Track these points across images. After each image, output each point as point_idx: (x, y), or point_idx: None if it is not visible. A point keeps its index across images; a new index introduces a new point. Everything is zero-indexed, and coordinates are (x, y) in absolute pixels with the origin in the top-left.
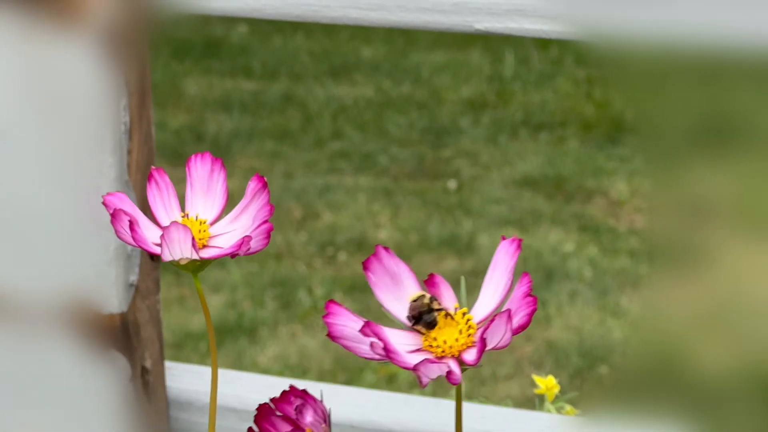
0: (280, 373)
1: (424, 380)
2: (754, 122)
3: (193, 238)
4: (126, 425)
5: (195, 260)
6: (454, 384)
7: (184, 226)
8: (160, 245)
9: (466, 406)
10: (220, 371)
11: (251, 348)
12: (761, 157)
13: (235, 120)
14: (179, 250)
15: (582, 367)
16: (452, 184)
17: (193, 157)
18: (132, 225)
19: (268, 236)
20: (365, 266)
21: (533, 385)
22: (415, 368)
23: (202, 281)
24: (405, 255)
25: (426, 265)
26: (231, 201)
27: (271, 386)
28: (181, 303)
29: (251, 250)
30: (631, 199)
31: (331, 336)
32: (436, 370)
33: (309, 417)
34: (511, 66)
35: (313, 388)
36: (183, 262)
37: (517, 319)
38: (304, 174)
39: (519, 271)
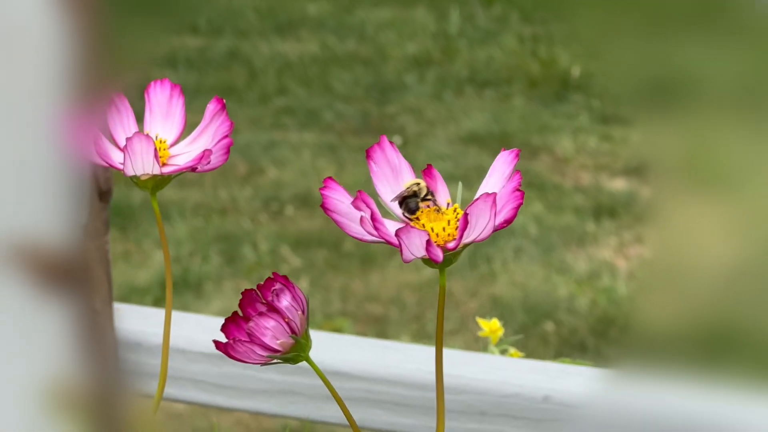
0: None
1: (405, 253)
2: (701, 77)
3: (155, 150)
4: (74, 366)
5: (156, 176)
6: (435, 260)
7: (147, 136)
8: (122, 163)
9: (413, 348)
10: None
11: (196, 302)
12: (707, 112)
13: (180, 76)
14: (141, 163)
15: (527, 323)
16: (397, 141)
17: (152, 83)
18: (96, 140)
19: (228, 151)
20: (368, 155)
21: (477, 340)
22: (396, 234)
23: (146, 236)
24: None
25: None
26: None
27: (218, 327)
28: (126, 258)
29: (211, 165)
30: (576, 156)
31: (324, 208)
32: (416, 239)
33: (285, 301)
34: (456, 23)
35: None
36: (144, 178)
37: (504, 212)
38: (249, 130)
39: None
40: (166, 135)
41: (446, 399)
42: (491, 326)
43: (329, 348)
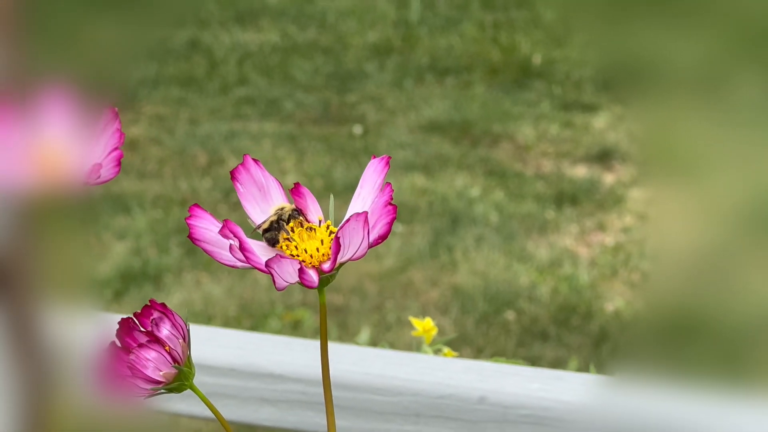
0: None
1: (278, 281)
2: (662, 62)
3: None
4: (7, 368)
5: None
6: (309, 287)
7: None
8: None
9: (346, 348)
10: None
11: (156, 295)
12: (669, 97)
13: (141, 67)
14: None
15: (488, 312)
16: (358, 130)
17: (44, 90)
18: None
19: (119, 164)
20: (233, 176)
21: (440, 330)
22: (267, 264)
23: (107, 229)
24: None
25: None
26: (133, 147)
27: None
28: (85, 251)
29: (102, 178)
30: (537, 143)
31: (192, 238)
32: (288, 267)
33: (165, 330)
34: (417, 11)
35: (205, 331)
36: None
37: (378, 228)
38: (209, 120)
39: (425, 215)
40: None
41: (381, 400)
42: (424, 326)
43: (261, 350)
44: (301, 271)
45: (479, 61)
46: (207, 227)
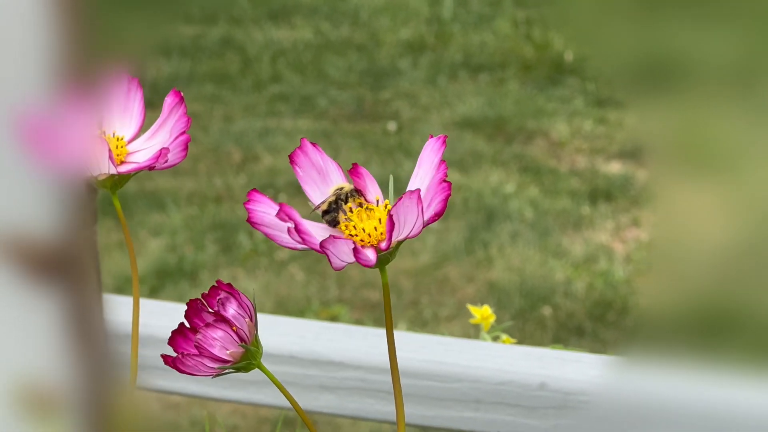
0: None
1: (334, 261)
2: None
3: (110, 151)
4: (64, 358)
5: (112, 175)
6: (366, 265)
7: (101, 137)
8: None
9: (406, 336)
10: (159, 303)
11: (192, 291)
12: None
13: (174, 64)
14: (97, 167)
15: (524, 307)
16: (392, 126)
17: (109, 77)
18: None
19: (186, 148)
20: (292, 160)
21: (473, 326)
22: (321, 245)
23: (142, 225)
24: None
25: None
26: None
27: None
28: (121, 248)
29: (169, 163)
30: (571, 139)
31: (251, 222)
32: (343, 247)
33: (232, 310)
34: (450, 8)
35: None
36: (101, 178)
37: (433, 206)
38: (243, 117)
39: (460, 211)
40: (123, 131)
41: (441, 387)
42: (482, 313)
43: (321, 338)
44: (355, 250)
45: (512, 58)
46: (265, 211)
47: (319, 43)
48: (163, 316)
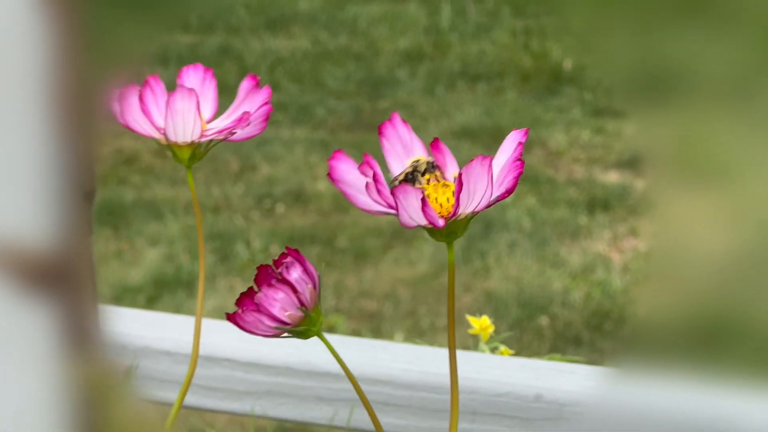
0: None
1: (403, 215)
2: (693, 68)
3: (198, 107)
4: (60, 368)
5: (194, 144)
6: (433, 224)
7: (191, 91)
8: (161, 128)
9: (402, 347)
10: (154, 314)
11: (189, 301)
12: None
13: (172, 73)
14: (182, 128)
15: (521, 317)
16: None
17: (185, 68)
18: (142, 98)
19: (267, 119)
20: (380, 131)
21: (470, 336)
22: (392, 192)
23: (139, 234)
24: (343, 207)
25: (364, 216)
26: (165, 154)
27: (207, 329)
28: (119, 257)
29: (248, 133)
30: (569, 149)
31: (331, 178)
32: (413, 200)
33: (295, 274)
34: (448, 17)
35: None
36: (183, 145)
37: (505, 182)
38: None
39: None
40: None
41: (436, 398)
42: (481, 323)
43: (318, 348)
44: (423, 202)
45: (510, 68)
46: (347, 169)
47: (317, 53)
48: (159, 327)
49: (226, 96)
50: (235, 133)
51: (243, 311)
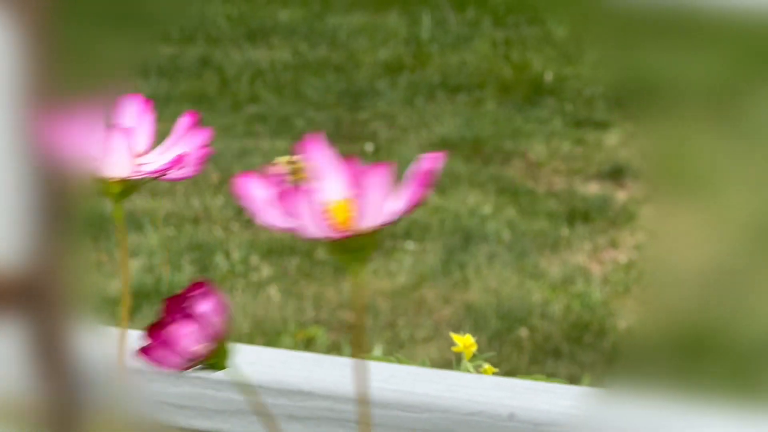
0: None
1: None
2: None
3: (130, 149)
4: (31, 387)
5: (125, 180)
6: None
7: (127, 130)
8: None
9: (376, 365)
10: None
11: None
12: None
13: (152, 84)
14: (116, 162)
15: (501, 329)
16: (369, 147)
17: (124, 98)
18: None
19: (203, 163)
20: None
21: (451, 346)
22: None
23: (119, 246)
24: None
25: None
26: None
27: None
28: (98, 268)
29: (181, 174)
30: (549, 161)
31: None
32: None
33: (205, 307)
34: (428, 28)
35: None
36: (112, 181)
37: (408, 195)
38: (221, 138)
39: (437, 232)
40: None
41: (411, 417)
42: (464, 341)
43: (290, 366)
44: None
45: (491, 79)
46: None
47: (297, 64)
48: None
49: (205, 108)
50: (165, 174)
51: (153, 346)
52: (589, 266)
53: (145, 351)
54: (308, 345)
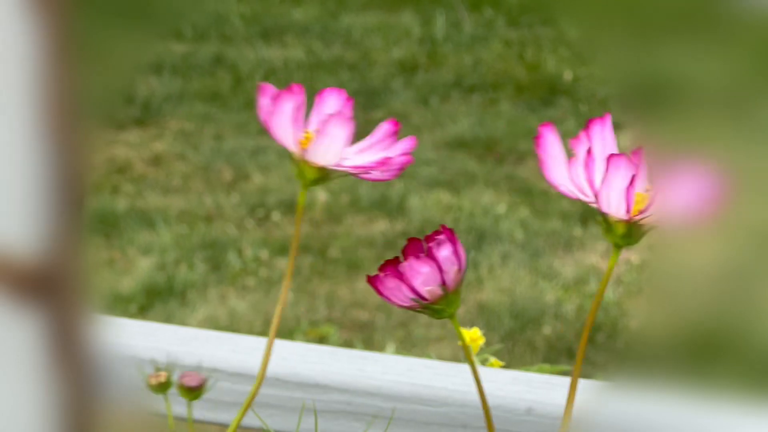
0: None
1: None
2: (688, 80)
3: (346, 139)
4: (48, 378)
5: (324, 169)
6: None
7: (343, 118)
8: (303, 145)
9: (393, 359)
10: (141, 323)
11: (181, 310)
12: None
13: (165, 82)
14: (325, 152)
15: (514, 329)
16: None
17: (325, 91)
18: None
19: (401, 170)
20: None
21: (459, 349)
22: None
23: (131, 243)
24: (336, 216)
25: (357, 226)
26: (158, 162)
27: (194, 338)
28: (110, 265)
29: (383, 177)
30: None
31: (538, 144)
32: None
33: (444, 252)
34: (442, 28)
35: (230, 339)
36: (319, 167)
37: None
38: (234, 136)
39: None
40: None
41: (428, 411)
42: (471, 335)
43: (306, 359)
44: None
45: (505, 79)
46: (554, 143)
47: (311, 63)
48: (149, 336)
49: (218, 107)
50: (369, 173)
51: (385, 276)
52: (602, 266)
53: (377, 279)
54: (320, 343)
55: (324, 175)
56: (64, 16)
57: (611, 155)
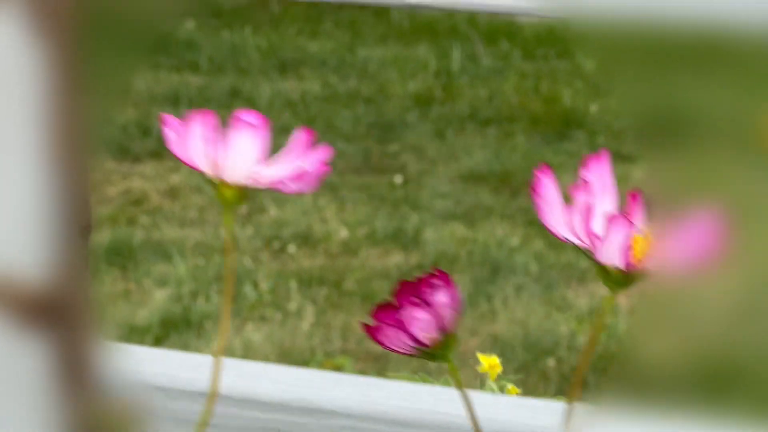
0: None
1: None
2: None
3: (262, 152)
4: (55, 407)
5: (241, 187)
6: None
7: (250, 129)
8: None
9: (397, 384)
10: (148, 350)
11: (197, 342)
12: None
13: (181, 115)
14: (237, 167)
15: (527, 360)
16: (398, 179)
17: (239, 111)
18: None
19: (322, 179)
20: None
21: (476, 376)
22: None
23: (146, 275)
24: (351, 249)
25: (372, 259)
26: (174, 195)
27: (202, 365)
28: (126, 297)
29: (296, 188)
30: None
31: (534, 190)
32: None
33: (441, 297)
34: (458, 60)
35: (239, 367)
36: (232, 185)
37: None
38: None
39: (465, 264)
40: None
41: None
42: (490, 362)
43: (312, 385)
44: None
45: (520, 111)
46: (550, 187)
47: (327, 95)
48: (160, 363)
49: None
50: (284, 186)
51: (385, 326)
52: (616, 298)
53: (373, 330)
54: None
55: (243, 193)
56: (72, 47)
57: (612, 216)
